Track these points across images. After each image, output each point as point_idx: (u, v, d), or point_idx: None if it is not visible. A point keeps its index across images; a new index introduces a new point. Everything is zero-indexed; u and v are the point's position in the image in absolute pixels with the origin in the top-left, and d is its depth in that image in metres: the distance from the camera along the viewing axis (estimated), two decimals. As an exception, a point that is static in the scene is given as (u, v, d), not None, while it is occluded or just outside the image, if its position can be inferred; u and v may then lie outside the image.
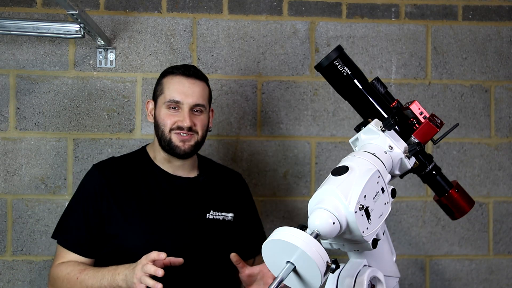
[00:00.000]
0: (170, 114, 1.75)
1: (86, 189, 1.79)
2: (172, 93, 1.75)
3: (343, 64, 1.39)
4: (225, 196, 1.86)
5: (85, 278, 1.64)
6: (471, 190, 2.34)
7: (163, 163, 1.81)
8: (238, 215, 1.85)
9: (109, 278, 1.59)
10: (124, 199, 1.75)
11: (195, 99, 1.75)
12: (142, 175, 1.80)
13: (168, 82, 1.78)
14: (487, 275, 2.37)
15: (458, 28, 2.37)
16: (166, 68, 1.85)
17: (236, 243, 1.83)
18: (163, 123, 1.75)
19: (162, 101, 1.76)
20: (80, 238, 1.74)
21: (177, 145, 1.74)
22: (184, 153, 1.76)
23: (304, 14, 2.31)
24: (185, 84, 1.76)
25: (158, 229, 1.73)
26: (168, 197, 1.78)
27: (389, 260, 1.37)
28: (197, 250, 1.74)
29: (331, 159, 2.31)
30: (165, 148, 1.77)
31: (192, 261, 1.69)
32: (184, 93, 1.74)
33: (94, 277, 1.63)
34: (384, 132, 1.31)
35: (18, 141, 2.20)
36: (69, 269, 1.70)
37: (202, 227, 1.77)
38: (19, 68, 2.21)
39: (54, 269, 1.74)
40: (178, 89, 1.75)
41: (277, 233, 1.10)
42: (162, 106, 1.76)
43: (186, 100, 1.74)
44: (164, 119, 1.75)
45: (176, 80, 1.77)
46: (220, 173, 1.93)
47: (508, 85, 2.39)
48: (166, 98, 1.75)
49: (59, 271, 1.72)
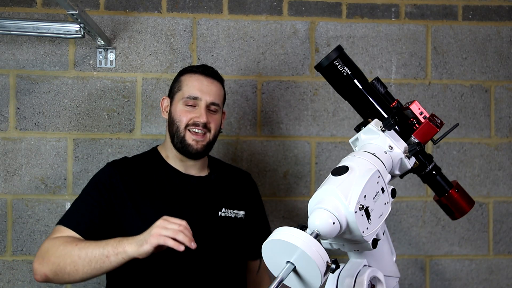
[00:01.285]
0: (186, 110, 1.78)
1: (99, 181, 1.75)
2: (190, 89, 1.79)
3: (343, 64, 1.39)
4: (236, 194, 1.88)
5: (86, 244, 1.57)
6: (471, 190, 2.34)
7: (175, 162, 1.83)
8: (249, 213, 1.87)
9: (114, 244, 1.53)
10: (138, 195, 1.74)
11: (212, 97, 1.79)
12: (155, 173, 1.81)
13: (187, 79, 1.82)
14: (487, 275, 2.37)
15: (458, 28, 2.37)
16: (185, 67, 1.89)
17: (247, 240, 1.86)
18: (179, 119, 1.78)
19: (180, 97, 1.80)
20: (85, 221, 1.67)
21: (190, 143, 1.77)
22: (196, 152, 1.78)
23: (304, 14, 2.31)
24: (203, 82, 1.80)
25: None
26: (181, 195, 1.79)
27: (389, 260, 1.37)
28: (209, 248, 1.74)
29: (331, 159, 2.31)
30: (177, 146, 1.79)
31: (205, 258, 1.71)
32: (202, 91, 1.78)
33: (96, 244, 1.56)
34: (384, 132, 1.31)
35: (18, 141, 2.20)
36: (68, 239, 1.61)
37: (214, 225, 1.79)
38: (19, 68, 2.21)
39: (48, 241, 1.64)
40: (197, 86, 1.79)
41: (277, 233, 1.10)
42: (179, 102, 1.79)
43: (204, 97, 1.78)
44: (181, 115, 1.78)
45: (195, 77, 1.81)
46: (230, 172, 1.95)
47: (508, 85, 2.39)
48: (184, 94, 1.79)
49: (55, 241, 1.62)
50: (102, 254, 1.52)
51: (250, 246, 1.86)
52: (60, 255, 1.57)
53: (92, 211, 1.69)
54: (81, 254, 1.55)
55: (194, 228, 1.74)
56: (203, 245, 1.73)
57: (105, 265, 1.53)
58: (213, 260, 1.75)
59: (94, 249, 1.54)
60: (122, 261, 1.51)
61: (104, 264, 1.53)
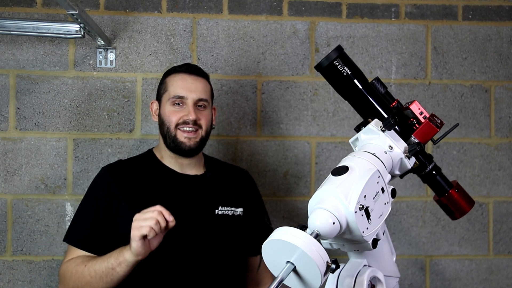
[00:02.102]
0: (175, 110, 1.79)
1: (95, 189, 1.81)
2: (176, 89, 1.80)
3: (343, 64, 1.39)
4: (233, 192, 1.88)
5: (93, 263, 1.66)
6: (471, 190, 2.34)
7: (170, 162, 1.84)
8: (247, 210, 1.87)
9: (115, 255, 1.61)
10: (134, 197, 1.76)
11: (198, 94, 1.80)
12: (151, 174, 1.82)
13: (172, 80, 1.83)
14: (487, 275, 2.37)
15: (458, 28, 2.37)
16: (169, 69, 1.90)
17: (246, 238, 1.86)
18: (168, 119, 1.79)
19: (167, 98, 1.81)
20: (88, 235, 1.75)
21: (182, 141, 1.78)
22: (189, 149, 1.79)
23: (304, 14, 2.31)
24: (188, 80, 1.81)
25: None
26: (177, 195, 1.79)
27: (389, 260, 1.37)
28: (207, 246, 1.75)
29: (331, 159, 2.31)
30: (170, 146, 1.80)
31: (203, 256, 1.72)
32: (188, 89, 1.79)
33: (101, 260, 1.65)
34: (384, 132, 1.31)
35: (18, 141, 2.20)
36: (78, 261, 1.71)
37: (212, 223, 1.79)
38: (19, 68, 2.21)
39: (63, 266, 1.76)
40: (182, 85, 1.80)
41: (277, 233, 1.10)
42: (167, 103, 1.80)
43: (190, 95, 1.79)
44: (170, 115, 1.79)
45: (179, 77, 1.82)
46: (227, 170, 1.95)
47: (508, 85, 2.39)
48: (170, 94, 1.80)
49: (68, 266, 1.73)
50: (108, 268, 1.61)
51: (249, 242, 1.86)
52: (76, 279, 1.68)
53: (95, 224, 1.75)
54: (91, 273, 1.65)
55: (192, 227, 1.75)
56: (201, 243, 1.74)
57: (115, 276, 1.61)
58: (211, 259, 1.75)
59: (100, 265, 1.63)
60: (127, 269, 1.59)
61: (113, 276, 1.61)
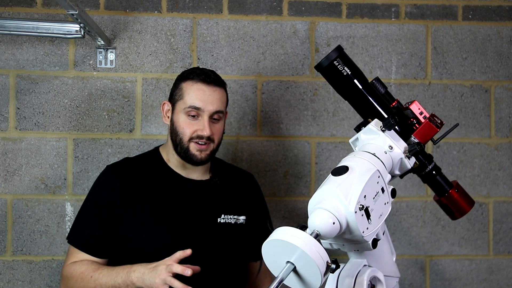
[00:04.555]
0: (189, 122, 1.74)
1: (99, 190, 1.79)
2: (192, 99, 1.74)
3: (343, 64, 1.39)
4: (237, 199, 1.86)
5: (99, 276, 1.65)
6: (471, 190, 2.34)
7: (176, 166, 1.82)
8: (250, 218, 1.86)
9: (123, 276, 1.60)
10: (137, 201, 1.75)
11: (215, 106, 1.75)
12: (155, 177, 1.81)
13: (188, 88, 1.76)
14: (487, 275, 2.37)
15: (458, 28, 2.37)
16: (185, 72, 1.82)
17: (248, 245, 1.84)
18: (182, 131, 1.75)
19: (182, 107, 1.75)
20: (91, 238, 1.75)
21: (194, 154, 1.75)
22: (200, 161, 1.77)
23: (304, 14, 2.31)
24: (206, 91, 1.75)
25: (170, 231, 1.74)
26: (181, 200, 1.78)
27: (389, 260, 1.38)
28: (208, 254, 1.74)
29: (331, 159, 2.31)
30: (181, 155, 1.77)
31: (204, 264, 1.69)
32: (205, 101, 1.74)
33: (108, 275, 1.64)
34: (384, 132, 1.31)
35: (18, 141, 2.20)
36: (83, 267, 1.70)
37: (213, 231, 1.78)
38: (19, 68, 2.21)
39: (66, 268, 1.75)
40: (199, 96, 1.74)
41: (277, 233, 1.10)
42: (181, 112, 1.75)
43: (207, 108, 1.73)
44: (184, 127, 1.74)
45: (197, 87, 1.75)
46: (232, 174, 1.93)
47: (508, 85, 2.39)
48: (186, 103, 1.74)
49: (72, 270, 1.72)
50: (114, 287, 1.62)
51: (251, 247, 1.84)
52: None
53: (98, 226, 1.74)
54: (96, 286, 1.65)
55: (193, 234, 1.75)
56: (203, 251, 1.73)
57: None
58: (212, 266, 1.74)
59: (107, 281, 1.63)
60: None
61: None
